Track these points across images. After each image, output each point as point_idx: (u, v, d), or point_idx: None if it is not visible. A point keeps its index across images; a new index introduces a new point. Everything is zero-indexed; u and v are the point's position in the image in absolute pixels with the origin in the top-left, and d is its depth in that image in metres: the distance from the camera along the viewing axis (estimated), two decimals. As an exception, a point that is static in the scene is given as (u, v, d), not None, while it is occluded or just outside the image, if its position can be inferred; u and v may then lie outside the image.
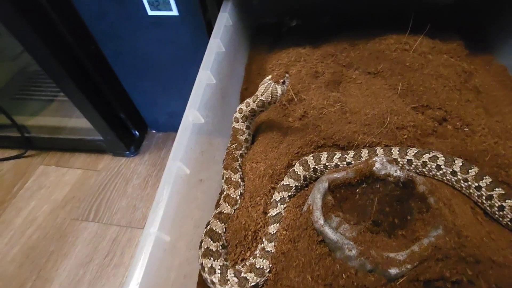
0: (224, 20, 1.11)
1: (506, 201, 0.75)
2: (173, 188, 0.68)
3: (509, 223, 0.77)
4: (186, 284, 0.69)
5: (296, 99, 1.07)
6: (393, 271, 0.67)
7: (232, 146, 0.93)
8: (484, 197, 0.79)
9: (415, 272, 0.66)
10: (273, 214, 0.82)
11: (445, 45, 1.20)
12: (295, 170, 0.88)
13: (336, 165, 0.89)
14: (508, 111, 1.08)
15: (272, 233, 0.79)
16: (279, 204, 0.82)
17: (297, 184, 0.87)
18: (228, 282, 0.67)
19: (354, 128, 0.97)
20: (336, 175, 0.82)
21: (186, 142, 0.76)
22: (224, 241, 0.77)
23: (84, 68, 1.73)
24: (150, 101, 2.00)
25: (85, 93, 1.74)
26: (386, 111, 0.97)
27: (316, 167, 0.89)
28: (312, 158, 0.89)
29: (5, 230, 1.84)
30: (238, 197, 0.86)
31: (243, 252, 0.80)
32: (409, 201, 0.79)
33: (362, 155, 0.88)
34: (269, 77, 0.92)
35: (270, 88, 0.89)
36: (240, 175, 0.90)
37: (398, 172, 0.80)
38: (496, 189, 0.76)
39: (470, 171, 0.81)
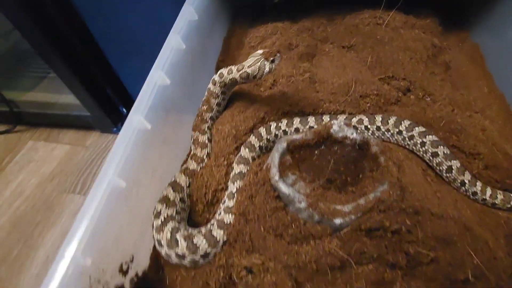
0: (200, -9, 1.12)
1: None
2: (132, 139, 0.71)
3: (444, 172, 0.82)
4: (144, 232, 0.73)
5: (267, 69, 1.10)
6: (338, 221, 0.71)
7: (203, 107, 0.95)
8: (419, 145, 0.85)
9: (358, 222, 0.70)
10: (230, 206, 0.80)
11: (418, 20, 1.21)
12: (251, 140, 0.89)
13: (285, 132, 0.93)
14: (474, 86, 1.11)
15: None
16: (235, 195, 0.80)
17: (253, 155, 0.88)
18: (162, 233, 0.69)
19: (321, 96, 1.00)
20: (295, 136, 0.86)
21: (150, 101, 0.79)
22: (186, 195, 0.81)
23: (71, 44, 1.74)
24: (137, 78, 2.01)
25: (72, 68, 1.76)
26: (352, 80, 0.99)
27: (268, 137, 0.92)
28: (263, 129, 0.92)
29: (-6, 201, 1.89)
30: (204, 156, 0.89)
31: (201, 210, 0.84)
32: (362, 161, 0.83)
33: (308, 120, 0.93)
34: (261, 51, 0.91)
35: (259, 63, 0.88)
36: (207, 136, 0.93)
37: (355, 134, 0.84)
38: (429, 136, 0.82)
39: (402, 124, 0.87)
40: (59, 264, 0.52)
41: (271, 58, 0.89)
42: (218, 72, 0.93)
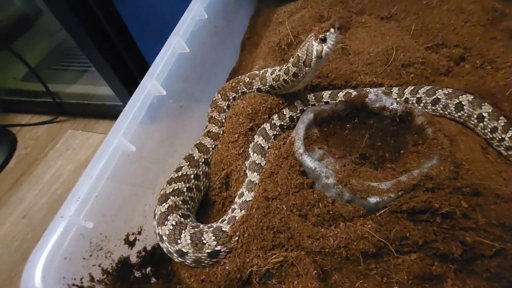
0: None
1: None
2: (146, 104, 0.67)
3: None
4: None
5: (295, 42, 1.01)
6: (373, 199, 0.59)
7: (230, 84, 0.86)
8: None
9: (399, 202, 0.58)
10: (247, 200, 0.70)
11: (474, -18, 1.04)
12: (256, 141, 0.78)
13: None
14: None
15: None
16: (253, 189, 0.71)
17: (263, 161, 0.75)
18: (167, 223, 0.60)
19: (355, 68, 0.89)
20: (323, 107, 0.75)
21: (169, 67, 0.75)
22: (202, 172, 0.74)
23: (109, 38, 1.81)
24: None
25: (109, 61, 1.83)
26: (392, 48, 0.87)
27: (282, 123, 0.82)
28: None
29: (36, 184, 2.02)
30: (220, 134, 0.82)
31: (218, 187, 0.77)
32: (404, 135, 0.70)
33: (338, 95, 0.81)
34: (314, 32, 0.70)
35: (307, 44, 0.69)
36: (224, 116, 0.86)
37: (395, 104, 0.71)
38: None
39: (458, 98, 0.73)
40: (57, 223, 0.48)
41: (320, 36, 0.66)
42: (273, 68, 0.81)
